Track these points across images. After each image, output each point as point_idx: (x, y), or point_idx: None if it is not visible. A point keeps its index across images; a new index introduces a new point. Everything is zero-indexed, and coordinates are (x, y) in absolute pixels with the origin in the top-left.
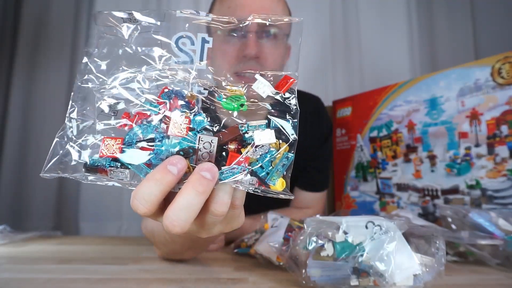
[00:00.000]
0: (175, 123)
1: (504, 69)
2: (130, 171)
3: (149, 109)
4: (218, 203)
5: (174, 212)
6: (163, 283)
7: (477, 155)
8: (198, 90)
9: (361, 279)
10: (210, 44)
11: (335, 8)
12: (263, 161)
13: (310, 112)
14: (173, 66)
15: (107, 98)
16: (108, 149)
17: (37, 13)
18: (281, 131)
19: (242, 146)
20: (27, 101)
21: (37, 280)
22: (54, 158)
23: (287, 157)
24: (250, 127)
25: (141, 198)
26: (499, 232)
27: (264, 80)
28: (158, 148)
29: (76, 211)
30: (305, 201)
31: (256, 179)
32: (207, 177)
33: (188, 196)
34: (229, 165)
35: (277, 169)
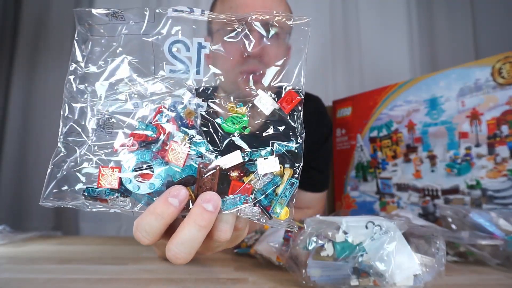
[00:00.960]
0: (173, 150)
1: (505, 69)
2: (131, 199)
3: (144, 131)
4: (222, 232)
5: (177, 246)
6: (163, 283)
7: (477, 155)
8: (197, 103)
9: (361, 279)
10: (207, 50)
11: (335, 8)
12: (267, 190)
13: (310, 112)
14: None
15: (100, 116)
16: (105, 179)
17: (37, 13)
18: (284, 155)
19: (245, 173)
20: (27, 101)
21: (37, 280)
22: (51, 185)
23: (292, 184)
24: (253, 155)
25: (143, 231)
26: (499, 232)
27: (266, 95)
28: (158, 175)
29: (76, 211)
30: (305, 201)
31: (259, 210)
32: (209, 209)
33: (190, 230)
34: (231, 194)
35: (280, 198)
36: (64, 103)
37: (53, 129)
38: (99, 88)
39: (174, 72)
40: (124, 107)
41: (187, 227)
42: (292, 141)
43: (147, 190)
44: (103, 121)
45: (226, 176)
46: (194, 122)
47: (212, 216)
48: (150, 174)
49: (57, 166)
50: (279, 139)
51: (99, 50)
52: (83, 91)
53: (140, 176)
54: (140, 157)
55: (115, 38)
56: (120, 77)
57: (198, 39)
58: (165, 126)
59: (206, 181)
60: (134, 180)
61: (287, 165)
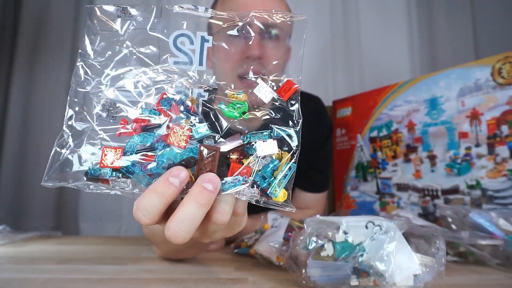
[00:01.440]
0: (174, 133)
1: (505, 69)
2: (131, 180)
3: (148, 116)
4: (220, 213)
5: (176, 224)
6: (163, 283)
7: (477, 155)
8: (198, 93)
9: (361, 279)
10: (210, 43)
11: (335, 8)
12: (265, 172)
13: (310, 113)
14: (171, 68)
15: (105, 102)
16: (107, 159)
17: (37, 13)
18: (283, 140)
19: (244, 156)
20: (27, 101)
21: (37, 280)
22: (54, 166)
23: (290, 167)
24: (252, 137)
25: (143, 209)
26: (499, 232)
27: (265, 85)
28: (160, 158)
29: (76, 211)
30: (305, 201)
31: (258, 190)
32: (209, 189)
33: (189, 208)
34: (231, 176)
35: (279, 180)
36: (72, 89)
37: (53, 129)
38: (105, 76)
39: (177, 64)
40: (128, 94)
41: (187, 205)
42: (290, 127)
43: (148, 171)
44: (108, 105)
45: (226, 158)
46: (196, 109)
47: (211, 195)
48: (152, 155)
49: (60, 147)
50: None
51: (107, 43)
52: (89, 79)
53: (142, 158)
54: (142, 139)
55: (123, 33)
56: (125, 67)
57: (201, 33)
58: (168, 111)
59: (206, 163)
60: (135, 161)
61: (285, 148)
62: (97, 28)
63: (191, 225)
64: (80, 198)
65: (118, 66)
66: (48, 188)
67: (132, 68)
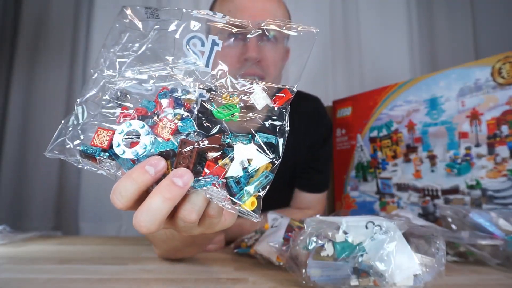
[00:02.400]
0: (162, 125)
1: (505, 69)
2: (116, 163)
3: (145, 106)
4: (187, 211)
5: (142, 214)
6: (163, 283)
7: (477, 155)
8: (200, 93)
9: (361, 279)
10: (219, 47)
11: (335, 8)
12: (240, 177)
13: (309, 113)
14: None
15: (116, 90)
16: (99, 139)
17: (37, 13)
18: (267, 147)
19: (222, 156)
20: (27, 101)
21: (37, 280)
22: (57, 140)
23: (266, 177)
24: (233, 139)
25: (118, 193)
26: (499, 232)
27: (260, 91)
28: (143, 144)
29: (76, 211)
30: (305, 202)
31: (226, 193)
32: (178, 184)
33: (155, 200)
34: (204, 175)
35: (251, 187)
36: (92, 75)
37: (53, 129)
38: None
39: (186, 62)
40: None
41: (153, 196)
42: (276, 136)
43: (131, 156)
44: (117, 93)
45: (204, 157)
46: (190, 107)
47: (179, 190)
48: (137, 142)
49: (66, 123)
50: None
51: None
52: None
53: (129, 143)
54: (132, 124)
55: (147, 32)
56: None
57: (213, 36)
58: (163, 103)
59: (184, 158)
60: (122, 144)
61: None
62: (126, 26)
63: (155, 217)
64: (80, 198)
65: (137, 61)
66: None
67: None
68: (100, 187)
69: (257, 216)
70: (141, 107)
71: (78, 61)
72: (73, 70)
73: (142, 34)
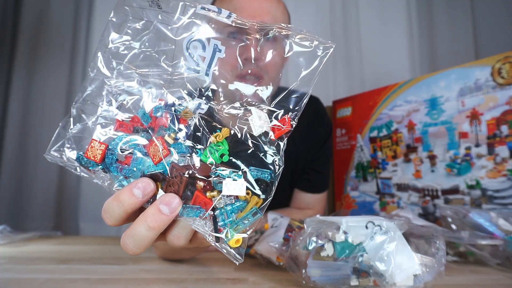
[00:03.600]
0: (155, 146)
1: (504, 69)
2: (110, 176)
3: (141, 117)
4: (175, 237)
5: (128, 238)
6: (163, 283)
7: (477, 155)
8: (199, 103)
9: (361, 279)
10: (222, 54)
11: (335, 8)
12: (227, 211)
13: (309, 113)
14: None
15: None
16: (92, 151)
17: (37, 12)
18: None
19: (211, 188)
20: (27, 101)
21: (37, 280)
22: (57, 144)
23: (255, 214)
24: (221, 174)
25: (107, 212)
26: (499, 232)
27: (257, 116)
28: (134, 164)
29: (76, 211)
30: (305, 202)
31: (210, 228)
32: (165, 212)
33: (140, 228)
34: (192, 204)
35: (236, 225)
36: (88, 74)
37: (53, 129)
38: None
39: (187, 69)
40: (133, 89)
41: (138, 224)
42: (269, 171)
43: (123, 173)
44: (115, 97)
45: (193, 184)
46: (187, 123)
47: (165, 219)
48: (129, 159)
49: (65, 127)
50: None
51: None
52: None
53: (122, 158)
54: (126, 140)
55: (147, 24)
56: (140, 61)
57: (215, 40)
58: (158, 120)
59: (174, 182)
60: (114, 159)
61: (258, 192)
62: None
63: (141, 243)
64: (80, 199)
65: (135, 58)
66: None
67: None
68: (100, 188)
69: (240, 258)
70: (137, 115)
71: (78, 61)
72: (73, 70)
73: (141, 29)
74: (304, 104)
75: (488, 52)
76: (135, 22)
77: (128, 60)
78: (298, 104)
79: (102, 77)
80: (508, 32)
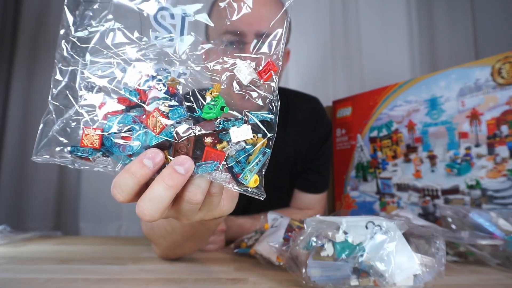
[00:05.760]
0: (153, 117)
1: (505, 69)
2: (111, 159)
3: (128, 95)
4: (192, 193)
5: (145, 202)
6: (163, 283)
7: (477, 155)
8: (180, 72)
9: (361, 279)
10: (191, 18)
11: (335, 8)
12: (239, 158)
13: (309, 113)
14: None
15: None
16: (88, 139)
17: (37, 13)
18: (259, 124)
19: (219, 140)
20: (27, 101)
21: (37, 280)
22: (42, 142)
23: (264, 153)
24: (226, 124)
25: (118, 187)
26: (499, 232)
27: (243, 65)
28: (137, 139)
29: (76, 211)
30: (305, 202)
31: (229, 175)
32: (180, 172)
33: (158, 188)
34: (204, 160)
35: (251, 166)
36: (55, 66)
37: None
38: (88, 52)
39: (158, 39)
40: (110, 71)
41: (156, 185)
42: (267, 112)
43: (126, 152)
44: (91, 84)
45: (201, 142)
46: (176, 90)
47: (181, 178)
48: (129, 137)
49: (47, 125)
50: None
51: (90, 16)
52: (73, 55)
53: (120, 138)
54: (120, 120)
55: (105, 4)
56: (108, 42)
57: (182, 6)
58: (147, 92)
59: (182, 146)
60: (114, 141)
61: (260, 134)
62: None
63: (159, 204)
64: (80, 198)
65: (101, 40)
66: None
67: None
68: (100, 187)
69: (263, 193)
70: (123, 96)
71: None
72: None
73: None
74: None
75: (488, 52)
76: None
77: (95, 43)
78: (276, 46)
79: (74, 66)
80: (508, 32)
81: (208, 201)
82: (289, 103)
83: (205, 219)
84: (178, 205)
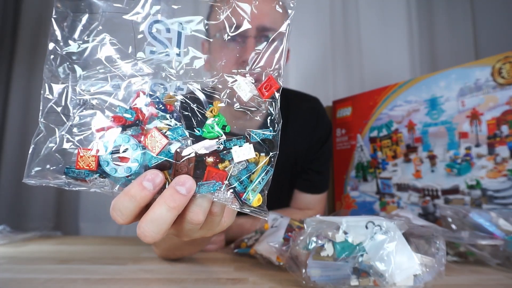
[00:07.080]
0: (152, 137)
1: (505, 69)
2: (109, 180)
3: (124, 115)
4: (194, 213)
5: (146, 224)
6: (163, 283)
7: (477, 155)
8: (177, 86)
9: (361, 279)
10: (187, 31)
11: (335, 8)
12: (242, 176)
13: (309, 113)
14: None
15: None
16: (83, 161)
17: (37, 13)
18: (260, 143)
19: (221, 160)
20: (27, 101)
21: (37, 280)
22: (33, 163)
23: (267, 172)
24: (227, 144)
25: (118, 210)
26: (499, 232)
27: (244, 81)
28: (135, 160)
29: (76, 211)
30: (305, 202)
31: (232, 195)
32: (181, 192)
33: (159, 210)
34: (206, 180)
35: (254, 185)
36: (44, 83)
37: None
38: (79, 67)
39: (154, 54)
40: (104, 88)
41: (157, 206)
42: (269, 129)
43: (124, 173)
44: (83, 101)
45: (202, 161)
46: (174, 107)
47: (182, 198)
48: (127, 157)
49: (38, 145)
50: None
51: (79, 28)
52: (63, 70)
53: (117, 159)
54: (117, 140)
55: (96, 16)
56: (100, 56)
57: (178, 19)
58: (144, 110)
59: (183, 166)
60: (111, 162)
61: (262, 153)
62: (67, 10)
63: (161, 226)
64: (80, 199)
65: (92, 54)
66: (48, 188)
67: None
68: None
69: (266, 211)
70: (119, 115)
71: None
72: None
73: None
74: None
75: (488, 52)
76: (78, 16)
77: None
78: (277, 62)
79: (65, 82)
80: (508, 32)
81: (210, 220)
82: (289, 103)
83: (206, 236)
84: (179, 225)
